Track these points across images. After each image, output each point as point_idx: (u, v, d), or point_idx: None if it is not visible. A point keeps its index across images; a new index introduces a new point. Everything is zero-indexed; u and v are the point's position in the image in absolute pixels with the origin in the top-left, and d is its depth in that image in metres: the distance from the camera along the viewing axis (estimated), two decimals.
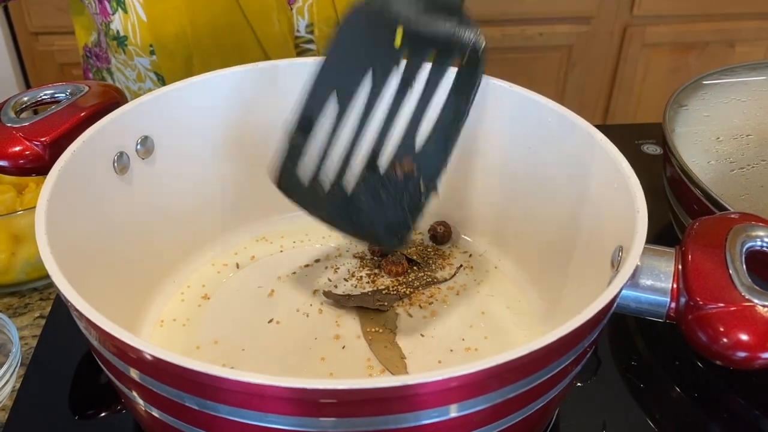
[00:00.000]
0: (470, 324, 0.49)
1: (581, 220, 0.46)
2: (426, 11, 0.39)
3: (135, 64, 0.69)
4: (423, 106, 0.40)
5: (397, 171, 0.41)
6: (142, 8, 0.65)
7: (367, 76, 0.40)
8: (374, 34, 0.40)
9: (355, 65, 0.41)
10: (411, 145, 0.40)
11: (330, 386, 0.29)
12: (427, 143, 0.40)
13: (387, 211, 0.42)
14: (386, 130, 0.41)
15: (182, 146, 0.51)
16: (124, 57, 0.69)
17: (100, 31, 0.71)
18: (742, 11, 1.50)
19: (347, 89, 0.41)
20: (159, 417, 0.35)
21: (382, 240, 0.43)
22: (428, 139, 0.40)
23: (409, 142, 0.40)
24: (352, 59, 0.41)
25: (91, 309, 0.33)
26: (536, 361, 0.32)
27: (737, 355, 0.33)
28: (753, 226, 0.37)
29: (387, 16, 0.40)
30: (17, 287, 0.55)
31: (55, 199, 0.40)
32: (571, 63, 1.52)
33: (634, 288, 0.37)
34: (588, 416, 0.46)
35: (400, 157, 0.41)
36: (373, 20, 0.40)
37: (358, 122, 0.41)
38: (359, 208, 0.43)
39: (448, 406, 0.32)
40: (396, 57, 0.40)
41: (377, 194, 0.42)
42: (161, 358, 0.30)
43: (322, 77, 0.42)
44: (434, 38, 0.39)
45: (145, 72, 0.69)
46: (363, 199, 0.43)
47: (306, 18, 0.67)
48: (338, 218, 0.44)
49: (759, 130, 0.58)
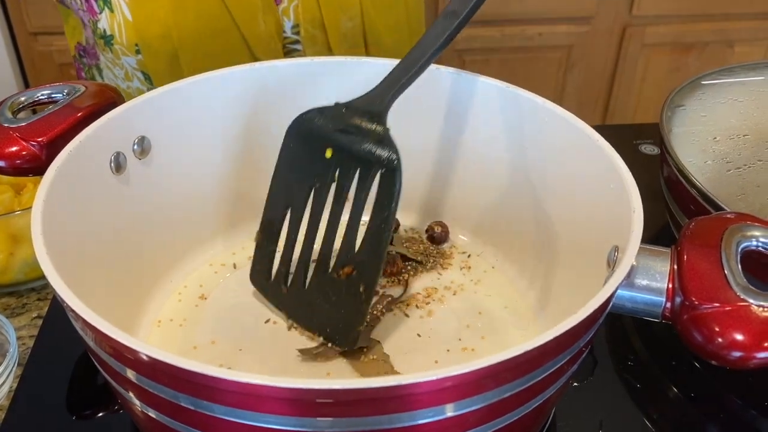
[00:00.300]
0: (467, 324, 0.50)
1: (578, 219, 0.46)
2: (351, 126, 0.44)
3: (122, 63, 0.69)
4: (356, 215, 0.44)
5: (341, 274, 0.45)
6: (127, 8, 0.65)
7: (311, 189, 0.46)
8: (309, 149, 0.46)
9: (298, 179, 0.47)
10: (349, 251, 0.45)
11: (326, 386, 0.29)
12: (361, 249, 0.44)
13: (338, 311, 0.46)
14: (330, 236, 0.46)
15: (179, 146, 0.51)
16: (112, 56, 0.69)
17: (86, 26, 0.70)
18: (741, 11, 1.50)
19: (296, 202, 0.47)
20: (155, 417, 0.35)
21: (335, 341, 0.46)
22: (362, 246, 0.44)
23: (347, 248, 0.45)
24: (295, 174, 0.47)
25: (87, 310, 0.33)
26: (532, 360, 0.32)
27: (732, 355, 0.34)
28: (748, 226, 0.37)
29: (315, 135, 0.45)
30: (15, 287, 0.55)
31: (51, 199, 0.40)
32: (571, 63, 1.52)
33: (630, 288, 0.37)
34: (585, 416, 0.46)
35: (342, 262, 0.45)
36: (306, 138, 0.46)
37: (308, 229, 0.47)
38: (315, 307, 0.47)
39: (444, 406, 0.32)
40: (330, 169, 0.45)
41: (327, 295, 0.46)
42: (157, 358, 0.30)
43: (275, 190, 0.48)
44: (357, 153, 0.44)
45: (132, 71, 0.69)
46: (316, 299, 0.47)
47: (292, 19, 0.67)
48: (298, 314, 0.49)
49: (756, 130, 0.59)
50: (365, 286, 0.44)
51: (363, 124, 0.44)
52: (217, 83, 0.52)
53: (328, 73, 0.54)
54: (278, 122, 0.55)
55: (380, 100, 0.44)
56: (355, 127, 0.44)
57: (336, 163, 0.45)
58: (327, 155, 0.45)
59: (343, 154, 0.44)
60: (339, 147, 0.44)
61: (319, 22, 0.68)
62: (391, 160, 0.42)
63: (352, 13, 0.68)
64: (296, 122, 0.46)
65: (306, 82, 0.54)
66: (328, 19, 0.67)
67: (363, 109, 0.44)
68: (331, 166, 0.45)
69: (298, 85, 0.54)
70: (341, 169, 0.44)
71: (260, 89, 0.53)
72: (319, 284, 0.46)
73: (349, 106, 0.45)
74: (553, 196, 0.49)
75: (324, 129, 0.45)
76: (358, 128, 0.44)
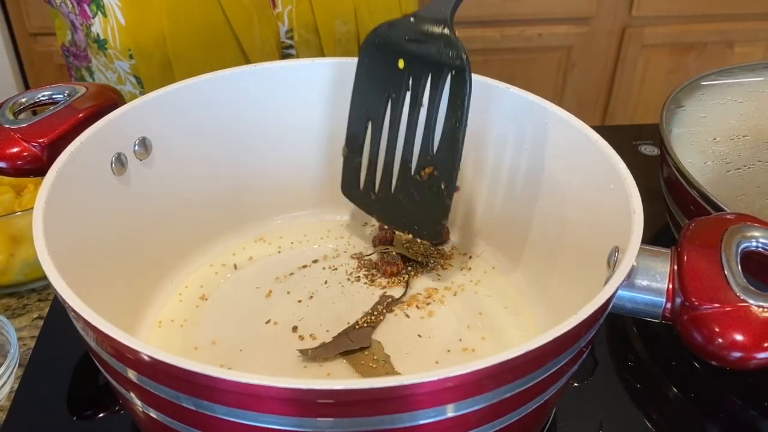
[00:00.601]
0: (468, 324, 0.50)
1: (578, 220, 0.46)
2: (420, 34, 0.47)
3: (115, 67, 0.69)
4: (431, 118, 0.47)
5: (423, 175, 0.49)
6: (120, 12, 0.65)
7: (388, 99, 0.49)
8: (383, 63, 0.49)
9: (376, 92, 0.50)
10: (428, 153, 0.48)
11: (327, 387, 0.29)
12: (439, 149, 0.47)
13: (423, 209, 0.50)
14: (409, 141, 0.49)
15: (180, 147, 0.51)
16: (105, 60, 0.69)
17: (77, 29, 0.70)
18: (740, 12, 1.51)
19: (375, 113, 0.50)
20: (156, 417, 0.35)
21: (423, 235, 0.51)
22: (439, 146, 0.47)
23: (426, 150, 0.48)
24: (372, 87, 0.50)
25: (88, 310, 0.33)
26: (532, 361, 0.32)
27: (732, 356, 0.34)
28: (748, 227, 0.37)
29: (387, 49, 0.48)
30: (16, 288, 0.55)
31: (52, 200, 0.40)
32: (570, 64, 1.52)
33: (630, 288, 0.37)
34: (585, 416, 0.46)
35: (422, 163, 0.49)
36: (379, 52, 0.49)
37: (389, 137, 0.50)
38: (402, 208, 0.51)
39: (444, 406, 0.32)
40: (404, 79, 0.48)
41: (412, 195, 0.50)
42: (158, 358, 0.30)
43: (355, 105, 0.52)
44: (427, 59, 0.47)
45: (125, 75, 0.69)
46: (402, 200, 0.51)
47: (286, 24, 0.67)
48: (388, 217, 0.53)
49: (755, 131, 0.59)
50: (446, 183, 0.47)
51: (430, 30, 0.46)
52: (218, 84, 0.52)
53: (329, 74, 0.54)
54: (279, 123, 0.55)
55: (444, 6, 0.46)
56: (423, 34, 0.46)
57: (408, 72, 0.48)
58: (400, 66, 0.48)
59: (414, 62, 0.47)
60: (410, 56, 0.47)
61: (313, 27, 0.68)
62: (460, 60, 0.45)
63: (346, 18, 0.68)
64: (369, 38, 0.49)
65: (307, 83, 0.54)
66: (322, 23, 0.67)
67: (429, 17, 0.46)
68: (405, 75, 0.48)
69: (298, 87, 0.54)
70: (414, 76, 0.47)
71: (261, 90, 0.53)
72: (403, 186, 0.50)
73: (417, 15, 0.47)
74: (553, 196, 0.49)
75: (395, 40, 0.48)
76: (426, 35, 0.46)
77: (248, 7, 0.65)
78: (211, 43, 0.66)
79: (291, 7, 0.66)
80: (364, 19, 0.69)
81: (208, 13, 0.65)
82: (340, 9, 0.68)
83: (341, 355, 0.47)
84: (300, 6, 0.66)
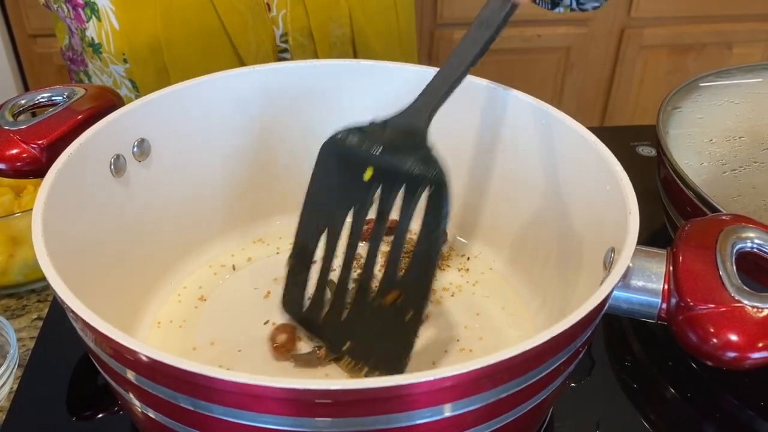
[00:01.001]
0: (465, 325, 0.50)
1: (574, 221, 0.47)
2: (392, 144, 0.42)
3: (111, 71, 0.69)
4: (400, 236, 0.42)
5: (385, 300, 0.43)
6: (115, 17, 0.65)
7: (348, 210, 0.44)
8: (345, 171, 0.44)
9: (335, 201, 0.44)
10: (394, 275, 0.43)
11: (324, 387, 0.30)
12: (409, 272, 0.42)
13: (382, 341, 0.44)
14: (371, 260, 0.44)
15: (179, 149, 0.51)
16: (100, 64, 0.69)
17: (74, 34, 0.71)
18: (739, 13, 1.51)
19: (332, 224, 0.44)
20: (155, 418, 0.35)
21: (379, 369, 0.44)
22: (409, 268, 0.42)
23: (393, 271, 0.43)
24: (331, 195, 0.44)
25: (87, 311, 0.33)
26: (528, 361, 0.32)
27: (727, 356, 0.34)
28: (743, 228, 0.37)
29: (351, 156, 0.43)
30: (15, 289, 0.56)
31: (51, 201, 0.40)
32: (569, 64, 1.53)
33: (626, 289, 0.37)
34: (582, 416, 0.46)
35: (387, 287, 0.43)
36: (341, 159, 0.44)
37: (347, 253, 0.44)
38: (356, 336, 0.45)
39: (441, 406, 0.32)
40: (370, 191, 0.43)
41: (370, 323, 0.44)
42: (157, 359, 0.31)
43: (308, 211, 0.46)
44: (399, 172, 0.42)
45: (120, 79, 0.69)
46: (358, 328, 0.45)
47: (281, 28, 0.67)
48: (335, 345, 0.46)
49: (751, 132, 0.59)
50: (414, 311, 0.42)
51: (404, 141, 0.42)
52: (217, 86, 0.52)
53: (326, 76, 0.54)
54: (277, 124, 0.56)
55: (420, 115, 0.42)
56: (396, 146, 0.42)
57: (376, 185, 0.42)
58: (366, 176, 0.42)
59: (384, 175, 0.42)
60: (380, 167, 0.42)
61: (308, 31, 0.68)
62: (439, 177, 0.40)
63: (341, 21, 0.68)
64: (331, 142, 0.44)
65: (306, 85, 0.54)
66: (316, 27, 0.67)
67: (403, 127, 0.42)
68: (371, 188, 0.43)
69: (298, 88, 0.54)
70: (383, 190, 0.42)
71: (260, 92, 0.53)
72: (360, 312, 0.44)
73: (387, 123, 0.43)
74: (549, 198, 0.49)
75: (362, 149, 0.43)
76: (400, 147, 0.42)
77: (243, 12, 0.65)
78: (206, 48, 0.66)
79: (286, 10, 0.66)
80: (359, 22, 0.69)
81: (203, 18, 0.65)
82: (335, 12, 0.68)
83: (334, 361, 0.46)
84: (294, 10, 0.66)
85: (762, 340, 0.33)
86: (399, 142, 0.42)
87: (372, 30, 0.70)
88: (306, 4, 0.66)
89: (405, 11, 0.73)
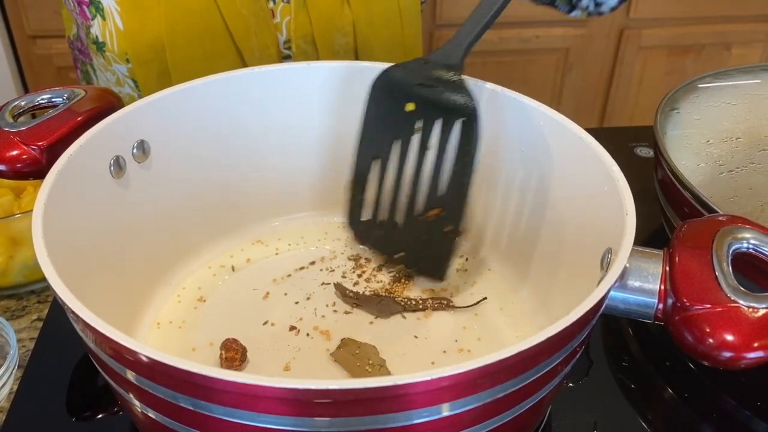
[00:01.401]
0: (463, 326, 0.50)
1: (572, 222, 0.47)
2: (430, 79, 0.47)
3: (114, 70, 0.69)
4: (440, 161, 0.48)
5: (429, 215, 0.49)
6: (119, 17, 0.65)
7: (395, 141, 0.50)
8: (391, 105, 0.49)
9: (383, 133, 0.50)
10: (435, 194, 0.49)
11: (323, 386, 0.30)
12: (446, 192, 0.48)
13: (428, 249, 0.51)
14: (416, 182, 0.50)
15: (178, 150, 0.52)
16: (103, 61, 0.69)
17: (80, 27, 0.71)
18: (738, 14, 1.51)
19: (382, 153, 0.50)
20: (155, 418, 0.36)
21: (426, 273, 0.52)
22: (447, 188, 0.48)
23: (434, 191, 0.49)
24: (380, 128, 0.50)
25: (87, 311, 0.33)
26: (525, 361, 0.33)
27: (723, 356, 0.34)
28: (739, 228, 0.38)
29: (396, 91, 0.49)
30: (15, 290, 0.56)
31: (51, 202, 0.41)
32: (568, 66, 1.53)
33: (623, 289, 0.37)
34: (580, 416, 0.47)
35: (429, 204, 0.49)
36: (388, 94, 0.49)
37: (396, 178, 0.50)
38: (406, 245, 0.52)
39: (439, 406, 0.32)
40: (412, 122, 0.48)
41: (417, 235, 0.50)
42: (157, 359, 0.31)
43: (362, 144, 0.51)
44: (437, 104, 0.47)
45: (123, 78, 0.69)
46: (407, 238, 0.51)
47: (284, 34, 0.67)
48: (392, 252, 0.53)
49: (748, 133, 0.59)
50: (452, 225, 0.48)
51: (442, 75, 0.47)
52: (216, 87, 0.52)
53: (326, 78, 0.55)
54: (276, 126, 0.56)
55: (456, 52, 0.47)
56: (434, 79, 0.47)
57: (417, 116, 0.48)
58: (409, 108, 0.48)
59: (424, 106, 0.47)
60: (420, 99, 0.47)
61: (311, 38, 0.68)
62: (470, 107, 0.45)
63: (344, 30, 0.68)
64: (379, 78, 0.49)
65: (303, 86, 0.54)
66: (319, 35, 0.67)
67: (441, 62, 0.47)
68: (413, 119, 0.48)
69: (295, 90, 0.54)
70: (423, 120, 0.48)
71: (259, 93, 0.54)
72: (409, 226, 0.50)
73: (428, 60, 0.47)
74: (547, 199, 0.49)
75: (405, 83, 0.48)
76: (438, 80, 0.47)
77: (247, 17, 0.65)
78: (209, 52, 0.66)
79: (290, 17, 0.67)
80: (363, 31, 0.69)
81: (208, 22, 0.65)
82: (338, 21, 0.68)
83: (334, 358, 0.47)
84: (298, 17, 0.67)
85: (758, 340, 0.34)
86: (437, 76, 0.47)
87: (376, 40, 0.70)
88: (310, 12, 0.66)
89: (411, 22, 0.73)
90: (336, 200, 0.56)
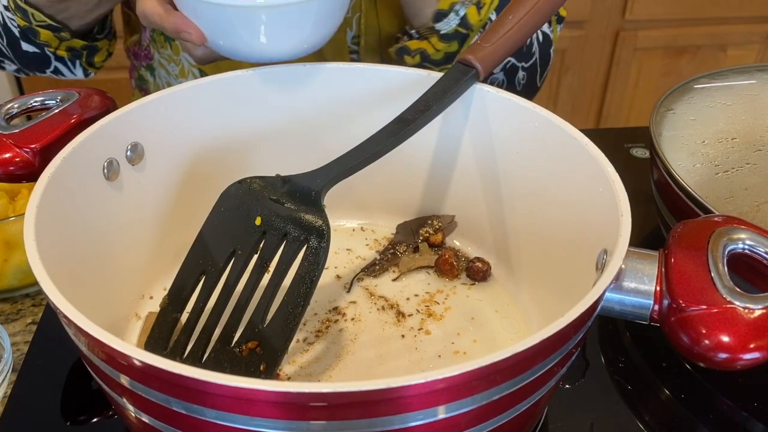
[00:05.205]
0: (459, 328, 0.50)
1: (567, 223, 0.47)
2: (288, 197, 0.44)
3: (180, 59, 0.69)
4: (273, 287, 0.42)
5: (244, 349, 0.42)
6: None
7: (231, 256, 0.44)
8: (239, 214, 0.45)
9: (221, 244, 0.44)
10: (257, 325, 0.42)
11: (318, 390, 0.30)
12: (271, 325, 0.42)
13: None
14: (241, 307, 0.43)
15: (172, 152, 0.51)
16: (170, 52, 0.69)
17: (144, 28, 0.71)
18: (733, 15, 1.52)
19: (212, 268, 0.44)
20: (149, 422, 0.35)
21: None
22: (273, 321, 0.42)
23: (257, 321, 0.42)
24: (219, 238, 0.45)
25: (80, 315, 0.33)
26: (521, 362, 0.33)
27: (719, 357, 0.34)
28: (735, 229, 0.38)
29: (249, 199, 0.44)
30: (9, 293, 0.56)
31: (44, 205, 0.40)
32: (564, 67, 1.53)
33: (618, 290, 0.37)
34: (576, 418, 0.47)
35: (247, 336, 0.42)
36: (239, 203, 0.45)
37: (219, 299, 0.44)
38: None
39: (435, 408, 0.32)
40: (256, 238, 0.43)
41: (224, 370, 0.42)
42: (150, 363, 0.31)
43: (193, 254, 0.45)
44: (287, 220, 0.43)
45: (189, 67, 0.69)
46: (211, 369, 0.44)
47: (354, 29, 0.68)
48: None
49: (744, 134, 0.59)
50: (266, 365, 0.41)
51: (299, 197, 0.44)
52: (210, 89, 0.52)
53: (322, 79, 0.54)
54: (273, 128, 0.56)
55: (321, 180, 0.44)
56: (290, 199, 0.44)
57: (263, 232, 0.43)
58: (256, 222, 0.44)
59: (272, 223, 0.43)
60: (270, 214, 0.44)
61: (377, 31, 0.68)
62: (322, 229, 0.42)
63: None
64: (232, 187, 0.46)
65: (298, 87, 0.54)
66: (386, 33, 0.68)
67: (302, 185, 0.44)
68: (257, 234, 0.43)
69: (290, 91, 0.54)
70: (267, 237, 0.43)
71: (255, 95, 0.54)
72: (217, 358, 0.43)
73: (289, 179, 0.45)
74: (542, 200, 0.49)
75: (259, 196, 0.44)
76: (293, 201, 0.44)
77: None
78: None
79: (360, 14, 0.67)
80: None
81: None
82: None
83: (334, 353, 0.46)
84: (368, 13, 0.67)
85: (753, 341, 0.34)
86: (294, 196, 0.44)
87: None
88: (378, 10, 0.67)
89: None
90: (332, 202, 0.56)
